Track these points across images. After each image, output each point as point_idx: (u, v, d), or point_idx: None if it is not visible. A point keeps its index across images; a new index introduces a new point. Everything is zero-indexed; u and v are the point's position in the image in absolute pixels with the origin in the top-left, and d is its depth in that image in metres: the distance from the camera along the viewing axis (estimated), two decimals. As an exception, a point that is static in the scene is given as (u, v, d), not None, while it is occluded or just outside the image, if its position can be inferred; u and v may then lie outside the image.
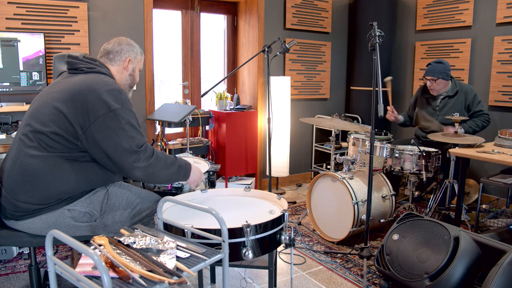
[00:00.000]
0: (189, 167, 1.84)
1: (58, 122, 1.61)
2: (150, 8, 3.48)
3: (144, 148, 1.64)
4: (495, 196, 3.68)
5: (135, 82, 1.97)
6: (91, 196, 1.72)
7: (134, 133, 1.63)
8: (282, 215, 1.61)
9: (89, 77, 1.69)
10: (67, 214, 1.67)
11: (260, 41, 4.07)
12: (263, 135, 4.22)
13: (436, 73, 3.20)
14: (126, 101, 1.67)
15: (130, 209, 1.78)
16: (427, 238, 2.13)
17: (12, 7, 2.89)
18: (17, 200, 1.63)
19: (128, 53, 1.87)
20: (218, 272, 2.43)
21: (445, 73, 3.21)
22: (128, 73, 1.90)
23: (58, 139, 1.62)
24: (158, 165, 1.68)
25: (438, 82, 3.23)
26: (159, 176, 1.70)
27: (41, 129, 1.62)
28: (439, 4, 4.08)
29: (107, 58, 1.85)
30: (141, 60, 1.96)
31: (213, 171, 2.33)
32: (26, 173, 1.62)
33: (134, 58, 1.90)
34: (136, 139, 1.63)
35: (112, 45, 1.86)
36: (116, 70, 1.86)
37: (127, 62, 1.87)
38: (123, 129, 1.60)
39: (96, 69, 1.75)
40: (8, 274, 2.41)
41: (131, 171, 1.62)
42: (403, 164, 3.01)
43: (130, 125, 1.63)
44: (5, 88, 2.82)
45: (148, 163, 1.64)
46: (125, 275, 1.10)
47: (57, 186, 1.63)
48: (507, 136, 2.68)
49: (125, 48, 1.87)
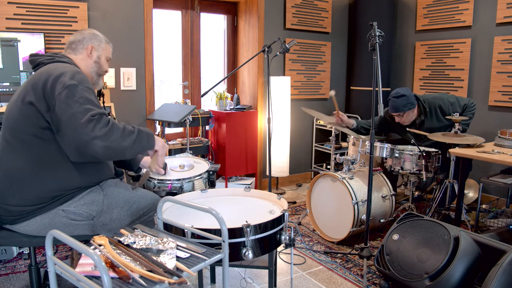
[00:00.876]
0: (150, 132, 1.76)
1: (29, 114, 1.61)
2: (150, 8, 3.48)
3: (99, 117, 1.57)
4: (495, 196, 3.68)
5: (103, 70, 1.95)
6: (85, 196, 1.72)
7: (90, 105, 1.59)
8: (282, 215, 1.61)
9: (48, 66, 1.70)
10: (61, 214, 1.67)
11: (260, 41, 4.07)
12: (263, 135, 4.22)
13: (400, 108, 3.07)
14: (83, 79, 1.66)
15: (128, 207, 1.78)
16: (427, 238, 2.13)
17: (12, 7, 2.89)
18: (8, 204, 1.63)
19: (90, 40, 1.88)
20: (218, 272, 2.43)
21: (410, 103, 3.07)
22: (92, 60, 1.89)
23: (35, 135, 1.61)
24: (117, 132, 1.59)
25: (406, 114, 3.13)
26: (121, 144, 1.59)
27: (16, 128, 1.63)
28: (439, 4, 4.08)
29: (70, 49, 1.87)
30: (107, 49, 1.95)
31: (213, 171, 2.33)
32: (10, 177, 1.63)
33: (97, 45, 1.90)
34: (91, 110, 1.57)
35: (74, 36, 1.89)
36: (80, 59, 1.87)
37: (90, 49, 1.88)
38: (77, 102, 1.57)
39: (55, 59, 1.76)
40: (8, 274, 2.41)
41: (91, 142, 1.52)
42: (403, 164, 3.01)
43: (85, 98, 1.59)
44: (5, 88, 2.82)
45: (106, 131, 1.55)
46: (125, 275, 1.10)
47: (45, 185, 1.63)
48: (507, 136, 2.68)
49: (87, 36, 1.88)
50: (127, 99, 3.48)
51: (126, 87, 3.46)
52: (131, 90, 3.50)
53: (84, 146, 1.53)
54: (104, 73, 1.97)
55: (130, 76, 3.46)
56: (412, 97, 3.10)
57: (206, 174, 2.29)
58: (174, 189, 2.16)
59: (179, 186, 2.15)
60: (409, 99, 3.07)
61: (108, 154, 1.58)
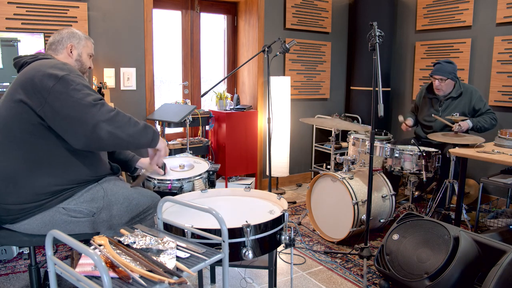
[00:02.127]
0: (156, 130, 1.79)
1: (19, 111, 1.61)
2: (150, 8, 3.48)
3: (102, 102, 1.61)
4: (495, 196, 3.68)
5: (86, 67, 1.94)
6: (85, 193, 1.72)
7: (89, 91, 1.61)
8: (282, 215, 1.61)
9: (33, 64, 1.70)
10: (62, 211, 1.68)
11: (260, 41, 4.07)
12: (263, 135, 4.22)
13: (446, 73, 3.14)
14: (72, 69, 1.67)
15: (127, 203, 1.79)
16: (427, 238, 2.13)
17: (12, 7, 2.89)
18: (7, 203, 1.63)
19: (69, 39, 1.87)
20: (218, 272, 2.43)
21: (454, 74, 3.17)
22: (73, 59, 1.89)
23: (26, 127, 1.61)
24: (123, 120, 1.62)
25: (447, 82, 3.18)
26: (126, 132, 1.61)
27: (7, 125, 1.63)
28: (439, 4, 4.08)
29: (50, 50, 1.87)
30: (88, 45, 1.93)
31: (213, 171, 2.33)
32: (4, 177, 1.63)
33: (77, 43, 1.89)
34: (92, 95, 1.60)
35: (53, 36, 1.88)
36: (61, 59, 1.86)
37: (70, 48, 1.87)
38: (76, 89, 1.58)
39: (39, 57, 1.76)
40: (8, 274, 2.41)
41: (97, 125, 1.54)
42: (403, 164, 3.01)
43: (82, 85, 1.61)
44: (5, 88, 2.82)
45: (111, 116, 1.58)
46: (125, 275, 1.10)
47: (40, 181, 1.64)
48: (507, 136, 2.68)
49: (65, 35, 1.88)
50: (127, 99, 3.48)
51: (126, 87, 3.46)
52: (131, 90, 3.50)
53: (91, 132, 1.54)
54: (86, 70, 1.96)
55: (130, 76, 3.46)
56: (456, 72, 3.21)
57: (206, 174, 2.29)
58: (174, 189, 2.16)
59: (179, 186, 2.15)
60: (455, 71, 3.20)
61: (112, 141, 1.59)
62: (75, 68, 1.83)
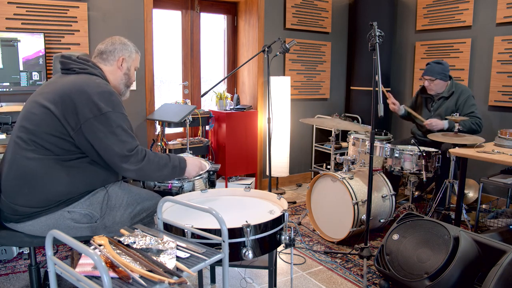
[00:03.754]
0: (183, 165, 1.84)
1: (49, 122, 1.61)
2: (150, 8, 3.48)
3: (136, 152, 1.65)
4: (495, 196, 3.68)
5: (132, 81, 1.95)
6: (91, 197, 1.72)
7: (125, 137, 1.64)
8: (282, 215, 1.61)
9: (80, 78, 1.67)
10: (67, 216, 1.67)
11: (260, 41, 4.07)
12: (263, 135, 4.22)
13: (435, 74, 3.20)
14: (117, 103, 1.66)
15: (131, 210, 1.78)
16: (427, 238, 2.13)
17: (12, 7, 2.89)
18: (16, 204, 1.63)
19: (121, 52, 1.85)
20: (218, 272, 2.43)
21: (444, 74, 3.19)
22: (122, 72, 1.87)
23: (52, 140, 1.61)
24: (150, 168, 1.70)
25: (436, 82, 3.22)
26: (152, 178, 1.76)
27: (34, 130, 1.62)
28: (439, 4, 4.08)
29: (101, 58, 1.84)
30: (137, 59, 1.93)
31: (213, 171, 2.33)
32: (23, 177, 1.61)
33: (128, 57, 1.87)
34: (127, 144, 1.64)
35: (105, 45, 1.85)
36: (110, 70, 1.84)
37: (121, 61, 1.85)
38: (114, 133, 1.61)
39: (88, 70, 1.73)
40: (8, 274, 2.41)
41: (122, 173, 1.69)
42: (403, 164, 3.01)
43: (121, 128, 1.63)
44: (5, 88, 2.82)
45: (139, 167, 1.66)
46: (125, 275, 1.10)
47: (56, 189, 1.63)
48: (507, 136, 2.68)
49: (118, 47, 1.85)
50: (127, 99, 3.45)
51: (126, 87, 3.46)
52: (131, 90, 3.48)
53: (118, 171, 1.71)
54: (131, 84, 1.96)
55: (130, 76, 3.46)
56: (448, 71, 3.22)
57: (206, 174, 2.29)
58: (174, 189, 2.16)
59: (179, 186, 2.15)
60: (445, 70, 3.20)
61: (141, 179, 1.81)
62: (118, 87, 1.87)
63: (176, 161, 1.81)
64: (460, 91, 3.24)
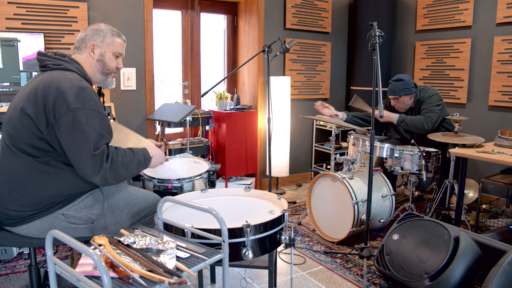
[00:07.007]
0: (148, 159, 1.75)
1: (26, 124, 1.57)
2: (150, 8, 3.48)
3: (101, 151, 1.56)
4: (495, 196, 3.68)
5: (110, 68, 1.80)
6: (85, 199, 1.69)
7: (93, 134, 1.54)
8: (282, 215, 1.61)
9: (53, 75, 1.61)
10: (61, 218, 1.66)
11: (260, 41, 4.07)
12: (263, 135, 4.22)
13: (397, 91, 3.15)
14: (88, 99, 1.57)
15: (128, 209, 1.77)
16: (427, 238, 2.13)
17: (12, 7, 2.89)
18: (8, 209, 1.62)
19: (92, 37, 1.74)
20: (218, 272, 2.43)
21: (407, 89, 3.13)
22: (95, 59, 1.75)
23: (31, 142, 1.58)
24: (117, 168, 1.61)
25: (402, 99, 3.19)
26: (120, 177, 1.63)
27: (14, 134, 1.60)
28: (439, 4, 4.08)
29: (76, 48, 1.77)
30: (114, 43, 1.78)
31: (213, 171, 2.33)
32: (10, 182, 1.61)
33: (100, 42, 1.75)
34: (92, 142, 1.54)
35: (80, 33, 1.78)
36: (84, 59, 1.75)
37: (91, 48, 1.74)
38: (81, 131, 1.53)
39: (62, 65, 1.66)
40: (8, 274, 2.41)
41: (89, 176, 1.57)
42: (403, 164, 3.01)
43: (89, 126, 1.54)
44: (5, 88, 2.82)
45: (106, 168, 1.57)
46: (125, 275, 1.10)
47: (43, 192, 1.61)
48: (507, 136, 2.68)
49: (89, 33, 1.75)
50: (127, 99, 3.48)
51: (126, 87, 3.46)
52: (131, 90, 3.50)
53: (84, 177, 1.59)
54: (110, 71, 1.81)
55: (130, 76, 3.46)
56: (411, 84, 3.16)
57: (206, 174, 2.29)
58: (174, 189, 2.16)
59: (179, 186, 2.16)
60: (407, 85, 3.14)
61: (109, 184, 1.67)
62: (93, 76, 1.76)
63: (140, 156, 1.71)
64: (423, 92, 3.20)
